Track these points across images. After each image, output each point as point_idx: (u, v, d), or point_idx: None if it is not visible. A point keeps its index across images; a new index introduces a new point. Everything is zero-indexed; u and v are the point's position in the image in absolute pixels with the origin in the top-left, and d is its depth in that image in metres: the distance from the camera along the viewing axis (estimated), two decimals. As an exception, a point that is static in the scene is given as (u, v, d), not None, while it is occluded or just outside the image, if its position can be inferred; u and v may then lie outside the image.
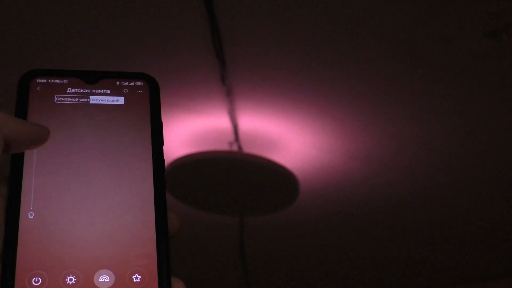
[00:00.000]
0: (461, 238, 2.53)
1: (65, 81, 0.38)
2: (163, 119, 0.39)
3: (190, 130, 1.83)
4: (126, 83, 0.39)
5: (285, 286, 3.19)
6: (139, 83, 0.40)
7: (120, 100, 0.39)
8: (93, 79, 0.39)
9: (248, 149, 1.88)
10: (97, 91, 0.39)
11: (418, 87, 1.61)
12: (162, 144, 0.38)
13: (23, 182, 0.34)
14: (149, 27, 1.41)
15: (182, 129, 1.83)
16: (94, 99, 0.38)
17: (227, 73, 1.55)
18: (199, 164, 1.67)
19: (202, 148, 1.83)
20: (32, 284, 0.32)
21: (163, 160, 0.38)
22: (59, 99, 0.38)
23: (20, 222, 0.33)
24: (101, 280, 0.33)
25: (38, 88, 0.38)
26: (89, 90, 0.39)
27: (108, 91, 0.39)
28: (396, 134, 1.83)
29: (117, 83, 0.39)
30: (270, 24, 1.39)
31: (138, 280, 0.33)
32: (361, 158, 1.96)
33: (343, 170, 2.03)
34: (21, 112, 0.37)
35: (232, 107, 1.69)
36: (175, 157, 1.73)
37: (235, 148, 1.85)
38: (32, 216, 0.34)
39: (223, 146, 1.85)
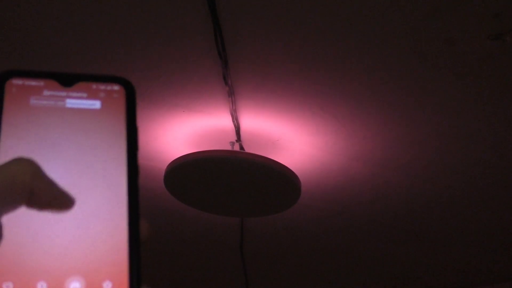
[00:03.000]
0: (462, 240, 2.52)
1: (41, 83, 0.38)
2: (164, 119, 0.39)
3: (192, 129, 1.83)
4: (103, 87, 0.39)
5: (284, 287, 3.19)
6: (115, 87, 0.39)
7: (97, 104, 0.38)
8: (70, 81, 0.38)
9: (250, 149, 1.88)
10: (74, 94, 0.38)
11: (421, 89, 1.61)
12: (137, 150, 0.37)
13: None
14: (151, 27, 1.40)
15: (183, 128, 1.82)
16: (71, 103, 0.38)
17: (229, 73, 1.54)
18: (200, 164, 1.67)
19: (204, 147, 1.82)
20: None
21: (138, 167, 0.37)
22: (35, 101, 0.37)
23: None
24: (72, 287, 0.33)
25: (13, 89, 0.37)
26: (65, 93, 0.38)
27: (85, 95, 0.38)
28: (398, 136, 1.82)
29: (94, 86, 0.39)
30: (272, 24, 1.39)
31: (109, 287, 0.33)
32: (363, 159, 1.95)
33: (345, 171, 2.03)
34: None
35: (234, 107, 1.68)
36: (176, 157, 1.72)
37: (236, 148, 1.84)
38: (4, 223, 0.33)
39: (225, 146, 1.84)
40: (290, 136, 1.85)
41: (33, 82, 0.38)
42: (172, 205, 2.16)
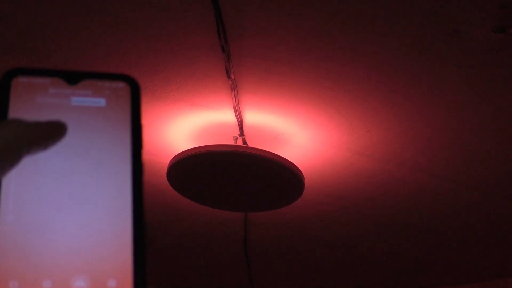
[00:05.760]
0: (467, 235, 2.51)
1: (47, 81, 0.38)
2: (167, 113, 0.39)
3: (195, 124, 1.82)
4: (108, 85, 0.39)
5: (288, 282, 3.19)
6: (120, 85, 0.39)
7: (101, 102, 0.39)
8: (75, 79, 0.39)
9: (253, 143, 1.87)
10: (79, 92, 0.38)
11: (425, 83, 1.60)
12: (142, 147, 0.38)
13: (1, 187, 0.34)
14: (154, 21, 1.40)
15: (186, 123, 1.82)
16: (76, 100, 0.38)
17: (232, 67, 1.54)
18: (203, 159, 1.66)
19: (207, 142, 1.82)
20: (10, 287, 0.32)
21: (142, 164, 0.37)
22: (41, 99, 0.38)
23: None
24: (77, 285, 0.33)
25: (19, 87, 0.37)
26: (70, 91, 0.38)
27: (90, 92, 0.39)
28: (402, 130, 1.81)
29: (99, 84, 0.39)
30: (275, 19, 1.38)
31: (114, 286, 0.33)
32: (366, 154, 1.94)
33: (348, 166, 2.02)
34: (2, 111, 0.36)
35: (237, 101, 1.68)
36: (179, 151, 1.72)
37: (239, 142, 1.84)
38: (10, 221, 0.33)
39: (228, 141, 1.84)
40: (293, 131, 1.84)
41: (38, 80, 0.38)
42: (174, 200, 2.16)
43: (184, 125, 1.83)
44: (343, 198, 2.24)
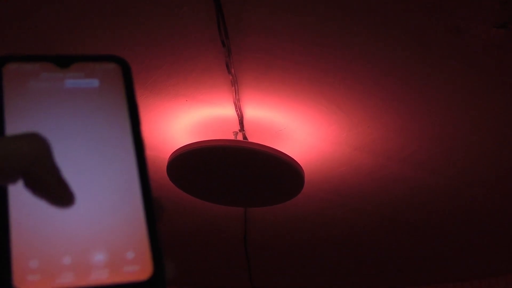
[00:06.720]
0: (466, 232, 2.51)
1: (38, 67, 0.38)
2: (167, 108, 0.39)
3: (195, 119, 1.82)
4: (99, 66, 0.39)
5: (287, 277, 3.19)
6: (111, 66, 0.40)
7: (95, 82, 0.39)
8: (66, 63, 0.39)
9: (253, 138, 1.87)
10: (71, 74, 0.39)
11: (425, 79, 1.60)
12: (140, 123, 0.38)
13: None
14: (154, 16, 1.39)
15: (186, 118, 1.82)
16: (69, 83, 0.38)
17: (232, 62, 1.53)
18: (203, 154, 1.66)
19: (207, 137, 1.81)
20: (30, 267, 0.32)
21: (143, 139, 0.38)
22: (34, 84, 0.38)
23: (11, 208, 0.33)
24: (96, 259, 0.33)
25: (11, 74, 0.37)
26: (63, 74, 0.38)
27: (82, 74, 0.39)
28: (402, 127, 1.81)
29: (90, 66, 0.39)
30: (276, 13, 1.38)
31: (132, 257, 0.34)
32: (366, 150, 1.94)
33: (348, 162, 2.02)
34: None
35: (237, 97, 1.67)
36: (179, 146, 1.72)
37: (240, 137, 1.83)
38: (26, 201, 0.34)
39: (228, 136, 1.84)
40: (293, 126, 1.84)
41: (30, 66, 0.38)
42: (174, 195, 2.16)
43: (184, 120, 1.83)
44: (343, 193, 2.24)
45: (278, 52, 1.51)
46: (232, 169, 1.74)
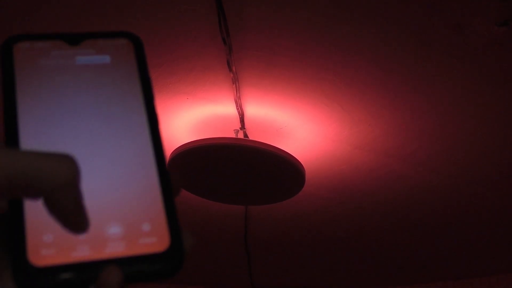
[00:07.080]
0: (468, 230, 2.51)
1: (49, 44, 0.38)
2: (168, 106, 0.39)
3: (196, 117, 1.82)
4: (110, 42, 0.39)
5: (288, 275, 3.19)
6: (122, 41, 0.40)
7: (106, 58, 0.39)
8: (76, 40, 0.39)
9: (254, 136, 1.87)
10: (82, 51, 0.38)
11: (426, 77, 1.59)
12: (153, 98, 0.38)
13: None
14: (155, 14, 1.39)
15: (187, 116, 1.81)
16: (80, 60, 0.38)
17: (233, 60, 1.53)
18: (204, 152, 1.66)
19: (207, 135, 1.81)
20: (44, 241, 0.32)
21: (157, 114, 0.38)
22: (45, 62, 0.37)
23: None
24: (112, 231, 0.33)
25: (22, 53, 0.37)
26: (73, 52, 0.38)
27: (93, 51, 0.39)
28: (403, 125, 1.81)
29: (101, 42, 0.39)
30: (277, 11, 1.38)
31: (148, 229, 0.34)
32: (367, 148, 1.94)
33: (349, 160, 2.02)
34: (8, 79, 0.36)
35: (238, 94, 1.67)
36: (180, 144, 1.72)
37: (240, 135, 1.83)
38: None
39: (229, 134, 1.84)
40: (294, 124, 1.84)
41: (40, 44, 0.38)
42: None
43: (185, 118, 1.83)
44: (344, 192, 2.24)
45: (279, 49, 1.51)
46: (233, 167, 1.74)
